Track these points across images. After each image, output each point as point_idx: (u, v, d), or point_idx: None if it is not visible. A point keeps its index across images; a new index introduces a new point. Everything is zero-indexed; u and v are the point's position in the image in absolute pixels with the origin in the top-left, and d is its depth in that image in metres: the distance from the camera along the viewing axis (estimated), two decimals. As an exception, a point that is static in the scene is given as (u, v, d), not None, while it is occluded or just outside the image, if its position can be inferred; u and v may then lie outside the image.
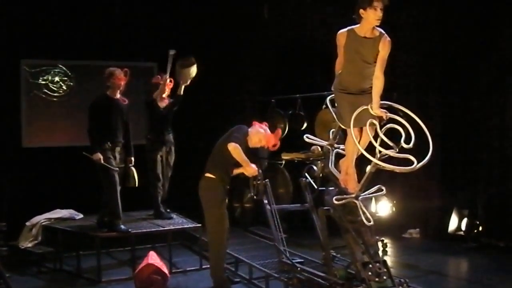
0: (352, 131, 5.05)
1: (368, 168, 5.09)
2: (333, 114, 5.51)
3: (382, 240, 8.01)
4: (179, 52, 7.66)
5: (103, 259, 7.11)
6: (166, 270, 6.52)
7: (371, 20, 4.96)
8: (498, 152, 8.49)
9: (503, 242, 8.10)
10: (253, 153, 6.54)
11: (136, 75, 8.15)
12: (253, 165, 6.08)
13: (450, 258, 7.96)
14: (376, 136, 4.92)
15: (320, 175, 6.00)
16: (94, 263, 7.01)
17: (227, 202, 6.19)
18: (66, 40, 9.15)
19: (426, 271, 7.18)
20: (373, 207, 8.51)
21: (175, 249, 7.70)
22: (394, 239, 8.82)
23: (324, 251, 5.80)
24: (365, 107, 5.01)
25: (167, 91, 7.81)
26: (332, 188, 5.76)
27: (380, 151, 4.88)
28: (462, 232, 8.57)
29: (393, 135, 4.90)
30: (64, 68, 9.49)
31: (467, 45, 8.67)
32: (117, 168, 7.14)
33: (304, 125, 8.91)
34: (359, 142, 5.09)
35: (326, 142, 5.78)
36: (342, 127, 5.40)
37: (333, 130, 5.76)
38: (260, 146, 6.23)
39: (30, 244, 7.49)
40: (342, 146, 5.65)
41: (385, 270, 5.14)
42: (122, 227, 7.11)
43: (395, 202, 8.94)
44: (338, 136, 5.74)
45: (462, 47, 8.73)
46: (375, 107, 4.99)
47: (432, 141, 4.88)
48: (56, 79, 9.46)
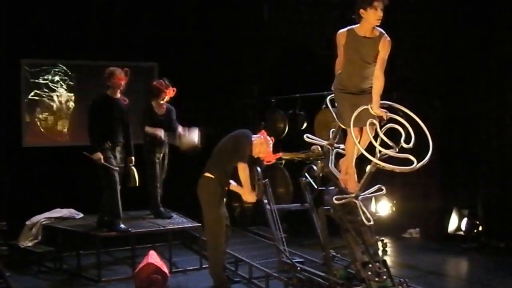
0: (352, 131, 5.05)
1: (368, 168, 5.09)
2: (333, 114, 5.51)
3: (382, 240, 8.03)
4: (179, 51, 7.65)
5: (103, 259, 7.11)
6: (166, 270, 6.52)
7: (371, 20, 4.95)
8: (498, 152, 8.48)
9: (503, 242, 8.10)
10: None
11: (136, 75, 8.16)
12: (253, 193, 6.12)
13: (450, 258, 7.96)
14: (376, 136, 4.92)
15: (320, 175, 6.00)
16: (94, 262, 7.03)
17: (225, 202, 6.20)
18: (66, 40, 9.13)
19: (426, 271, 7.19)
20: (373, 207, 8.49)
21: (175, 248, 7.70)
22: (394, 239, 8.83)
23: (324, 251, 5.79)
24: (365, 107, 5.01)
25: (167, 98, 7.82)
26: (332, 188, 5.76)
27: (380, 151, 4.89)
28: (462, 232, 8.57)
29: (393, 135, 4.91)
30: (64, 67, 9.47)
31: (467, 45, 8.67)
32: (117, 167, 7.14)
33: (304, 124, 8.92)
34: (359, 142, 5.08)
35: (326, 142, 5.78)
36: (342, 126, 5.40)
37: (333, 129, 5.75)
38: (256, 156, 6.25)
39: (30, 243, 7.47)
40: (342, 146, 5.65)
41: (385, 270, 5.14)
42: (122, 226, 7.12)
43: (395, 202, 8.94)
44: (338, 136, 5.74)
45: (462, 47, 8.73)
46: (375, 107, 4.99)
47: (432, 141, 4.89)
48: (56, 78, 9.44)
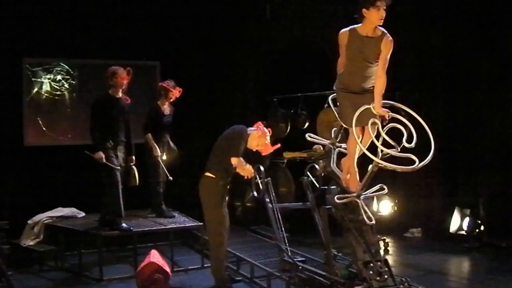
0: (354, 130, 5.05)
1: (370, 167, 5.09)
2: (335, 113, 5.51)
3: (384, 239, 8.03)
4: (181, 50, 7.65)
5: (104, 258, 7.13)
6: (168, 269, 6.52)
7: (374, 20, 4.95)
8: (500, 152, 8.48)
9: (505, 241, 8.09)
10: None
11: (138, 74, 8.16)
12: (248, 165, 6.11)
13: (452, 258, 7.95)
14: (378, 136, 4.92)
15: (322, 174, 6.00)
16: (95, 261, 7.03)
17: (227, 201, 6.20)
18: (68, 39, 9.14)
19: (427, 271, 7.18)
20: (374, 206, 8.47)
21: (177, 247, 7.71)
22: (396, 238, 8.82)
23: (326, 250, 5.80)
24: (367, 106, 5.00)
25: (173, 98, 7.84)
26: (334, 187, 5.75)
27: (382, 151, 4.89)
28: (464, 232, 8.56)
29: (395, 134, 4.91)
30: (66, 66, 9.47)
31: (468, 45, 8.67)
32: (119, 166, 7.14)
33: (306, 124, 8.92)
34: (361, 141, 5.08)
35: (328, 141, 5.77)
36: (344, 126, 5.39)
37: (335, 129, 5.75)
38: (254, 150, 6.25)
39: (32, 242, 7.49)
40: (344, 145, 5.64)
41: (386, 269, 5.14)
42: (124, 225, 7.12)
43: (396, 201, 8.93)
44: (340, 135, 5.74)
45: (463, 47, 8.73)
46: (377, 106, 4.99)
47: (433, 140, 4.88)
48: (58, 77, 9.44)
